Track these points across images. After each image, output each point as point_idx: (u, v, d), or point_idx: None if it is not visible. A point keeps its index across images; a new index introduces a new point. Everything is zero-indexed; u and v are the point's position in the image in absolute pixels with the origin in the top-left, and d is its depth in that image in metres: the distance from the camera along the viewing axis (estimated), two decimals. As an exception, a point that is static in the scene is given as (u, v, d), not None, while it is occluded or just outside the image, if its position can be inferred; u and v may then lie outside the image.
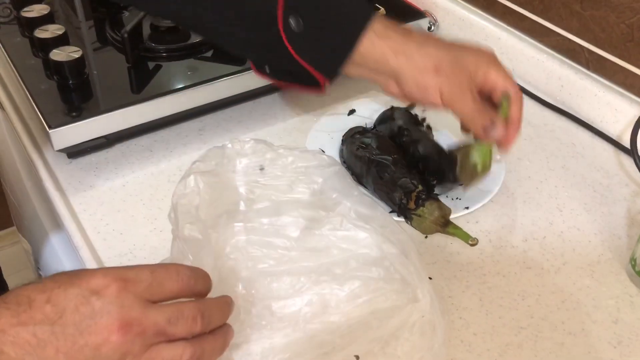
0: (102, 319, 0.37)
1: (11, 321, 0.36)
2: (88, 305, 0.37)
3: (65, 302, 0.37)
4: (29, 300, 0.37)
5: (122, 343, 0.37)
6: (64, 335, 0.37)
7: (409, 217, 0.60)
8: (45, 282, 0.38)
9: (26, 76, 0.73)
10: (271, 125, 0.77)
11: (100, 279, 0.38)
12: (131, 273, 0.39)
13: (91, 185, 0.67)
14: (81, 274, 0.39)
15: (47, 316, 0.37)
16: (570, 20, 0.79)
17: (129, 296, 0.38)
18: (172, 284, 0.40)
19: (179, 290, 0.41)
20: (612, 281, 0.59)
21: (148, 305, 0.39)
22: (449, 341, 0.53)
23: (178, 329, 0.39)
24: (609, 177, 0.71)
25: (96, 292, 0.37)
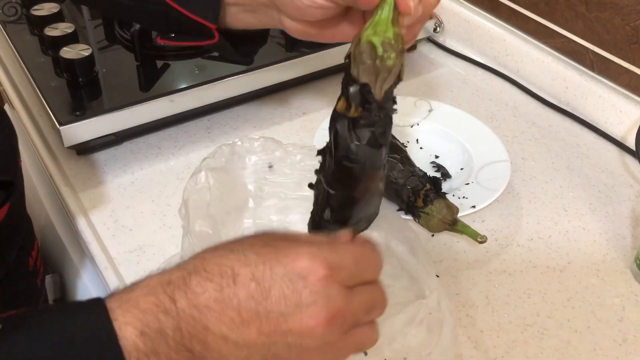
0: (308, 309, 0.36)
1: (215, 296, 0.35)
2: (295, 292, 0.36)
3: (271, 282, 0.36)
4: (233, 274, 0.36)
5: (325, 333, 0.37)
6: (268, 319, 0.36)
7: (416, 215, 0.61)
8: (247, 254, 0.37)
9: (36, 74, 0.74)
10: (278, 123, 0.77)
11: (307, 261, 0.36)
12: (336, 259, 0.37)
13: (100, 181, 0.68)
14: (286, 251, 0.37)
15: (252, 295, 0.36)
16: (575, 22, 0.80)
17: (335, 285, 0.37)
18: (370, 275, 0.40)
19: (374, 279, 0.40)
20: (617, 280, 0.60)
21: (349, 295, 0.38)
22: (455, 338, 0.54)
23: (371, 317, 0.40)
24: (613, 177, 0.72)
25: (303, 277, 0.36)
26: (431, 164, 0.71)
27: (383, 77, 0.40)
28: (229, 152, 0.58)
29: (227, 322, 0.36)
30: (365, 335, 0.40)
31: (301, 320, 0.36)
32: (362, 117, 0.41)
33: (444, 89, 0.85)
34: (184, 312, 0.35)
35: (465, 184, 0.66)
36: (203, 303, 0.35)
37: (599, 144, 0.77)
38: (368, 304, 0.39)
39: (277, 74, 0.78)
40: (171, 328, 0.35)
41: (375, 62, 0.39)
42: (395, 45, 0.39)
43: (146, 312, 0.35)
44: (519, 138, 0.77)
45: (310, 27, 0.50)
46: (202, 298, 0.35)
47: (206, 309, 0.35)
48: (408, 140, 0.73)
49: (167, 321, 0.35)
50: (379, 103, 0.41)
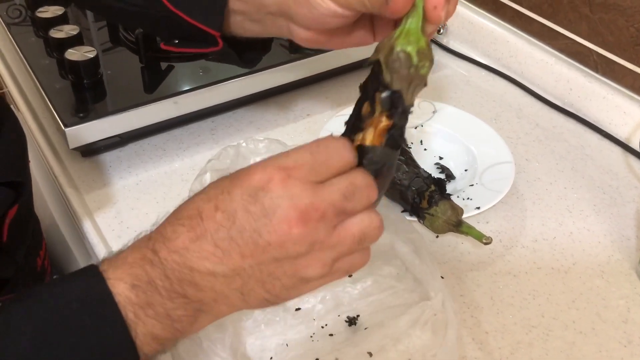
0: (275, 214, 0.35)
1: (189, 236, 0.36)
2: (257, 203, 0.35)
3: (233, 205, 0.36)
4: (199, 212, 0.36)
5: (306, 234, 0.35)
6: (243, 240, 0.35)
7: (421, 216, 0.61)
8: (208, 191, 0.37)
9: (41, 76, 0.74)
10: (282, 125, 0.77)
11: (260, 173, 0.36)
12: (290, 160, 0.36)
13: (105, 183, 0.68)
14: (240, 174, 0.37)
15: (220, 224, 0.36)
16: (579, 24, 0.80)
17: (296, 183, 0.35)
18: (335, 161, 0.37)
19: (343, 165, 0.37)
20: (622, 281, 0.60)
21: (318, 187, 0.36)
22: (460, 339, 0.54)
23: (356, 202, 0.37)
24: (617, 179, 0.72)
25: (261, 188, 0.35)
26: (435, 165, 0.71)
27: (415, 85, 0.41)
28: (233, 154, 0.58)
29: (209, 257, 0.36)
30: (362, 224, 0.37)
31: (274, 229, 0.35)
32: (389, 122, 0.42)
33: (447, 91, 0.85)
34: (166, 259, 0.36)
35: (470, 185, 0.66)
36: (180, 245, 0.36)
37: (603, 145, 0.77)
38: (346, 190, 0.36)
39: (281, 76, 0.78)
40: (159, 277, 0.36)
41: (410, 71, 0.40)
42: (428, 54, 0.41)
43: (134, 266, 0.36)
44: (523, 139, 0.77)
45: (320, 35, 0.49)
46: (179, 241, 0.36)
47: (184, 250, 0.36)
48: (412, 142, 0.73)
49: (154, 271, 0.36)
50: (406, 108, 0.42)
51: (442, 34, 0.93)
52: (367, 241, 0.38)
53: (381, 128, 0.41)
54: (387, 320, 0.54)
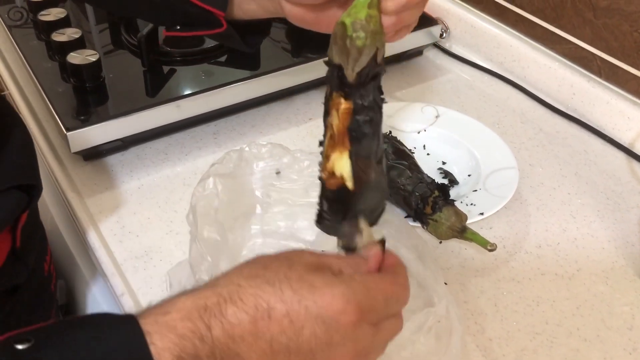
0: (337, 349, 0.38)
1: (249, 328, 0.37)
2: (327, 333, 0.37)
3: (304, 321, 0.37)
4: (269, 308, 0.37)
5: None
6: (297, 354, 0.37)
7: (425, 222, 0.61)
8: (284, 289, 0.38)
9: (43, 79, 0.74)
10: (284, 129, 0.77)
11: (340, 305, 0.38)
12: (368, 302, 0.39)
13: (107, 187, 0.68)
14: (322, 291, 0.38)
15: (284, 331, 0.37)
16: (582, 29, 0.80)
17: (364, 327, 0.38)
18: (397, 310, 0.42)
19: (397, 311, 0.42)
20: (627, 288, 0.59)
21: (375, 332, 0.40)
22: (464, 346, 0.54)
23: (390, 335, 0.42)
24: (621, 184, 0.71)
25: (336, 320, 0.37)
26: (438, 170, 0.71)
27: (354, 58, 0.40)
28: (236, 158, 0.58)
29: (258, 352, 0.37)
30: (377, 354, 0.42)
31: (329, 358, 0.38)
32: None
33: (450, 95, 0.84)
34: (219, 340, 0.36)
35: (473, 190, 0.66)
36: (238, 334, 0.36)
37: (607, 150, 0.76)
38: (389, 336, 0.41)
39: (283, 79, 0.78)
40: (206, 354, 0.36)
41: (346, 43, 0.40)
42: (365, 26, 0.40)
43: (183, 338, 0.36)
44: (526, 144, 0.76)
45: (307, 12, 0.51)
46: (237, 329, 0.36)
47: (240, 339, 0.36)
48: (415, 147, 0.73)
49: (203, 347, 0.36)
50: (352, 86, 0.41)
51: (445, 38, 0.92)
52: None
53: (342, 110, 0.41)
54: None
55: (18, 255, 0.52)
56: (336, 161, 0.43)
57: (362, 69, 0.40)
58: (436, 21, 0.89)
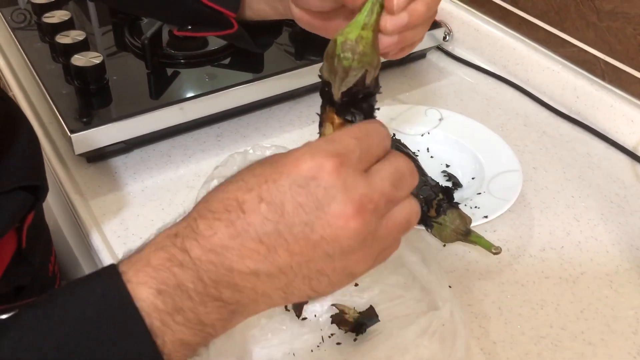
0: (330, 207, 0.32)
1: (229, 232, 0.32)
2: (309, 195, 0.32)
3: (280, 196, 0.32)
4: (239, 204, 0.32)
5: (361, 227, 0.33)
6: (293, 235, 0.32)
7: (429, 225, 0.60)
8: (246, 179, 0.33)
9: (47, 81, 0.74)
10: (288, 132, 0.77)
11: (309, 161, 0.32)
12: (337, 146, 0.33)
13: (110, 189, 0.68)
14: (284, 160, 0.33)
15: (266, 217, 0.32)
16: (586, 32, 0.80)
17: (349, 172, 0.33)
18: (380, 147, 0.35)
19: (384, 149, 0.36)
20: (631, 292, 0.59)
21: (368, 177, 0.34)
22: (468, 349, 0.53)
23: (403, 190, 0.35)
24: (625, 187, 0.71)
25: (312, 178, 0.32)
26: (442, 173, 0.70)
27: (341, 77, 0.40)
28: (240, 161, 0.58)
29: (252, 255, 0.32)
30: (406, 212, 0.36)
31: (328, 223, 0.32)
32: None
33: (453, 98, 0.84)
34: (200, 259, 0.32)
35: (477, 193, 0.66)
36: (218, 243, 0.32)
37: (611, 154, 0.76)
38: (393, 177, 0.35)
39: (286, 82, 0.78)
40: (190, 280, 0.32)
41: (334, 61, 0.39)
42: (354, 47, 0.39)
43: (159, 269, 0.32)
44: (530, 147, 0.76)
45: (315, 18, 0.50)
46: (216, 239, 0.32)
47: (223, 248, 0.32)
48: (419, 149, 0.73)
49: (184, 274, 0.32)
50: (338, 104, 0.40)
51: (448, 41, 0.92)
52: (409, 228, 0.36)
53: (335, 125, 0.41)
54: (394, 330, 0.54)
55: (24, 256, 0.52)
56: None
57: (348, 89, 0.40)
58: (439, 24, 0.89)
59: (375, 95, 0.42)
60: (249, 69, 0.77)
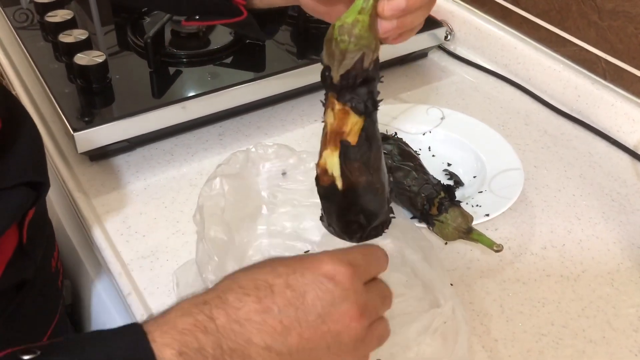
0: (342, 306, 0.38)
1: (255, 307, 0.36)
2: (327, 292, 0.37)
3: (304, 287, 0.37)
4: (269, 285, 0.37)
5: (358, 329, 0.38)
6: (307, 322, 0.37)
7: (431, 223, 0.61)
8: (276, 268, 0.38)
9: (50, 80, 0.74)
10: (290, 130, 0.77)
11: (330, 265, 0.38)
12: (352, 258, 0.39)
13: (113, 187, 0.68)
14: (310, 260, 0.39)
15: (289, 301, 0.37)
16: (587, 31, 0.80)
17: (358, 282, 0.39)
18: (377, 268, 0.42)
19: (379, 272, 0.42)
20: (632, 290, 0.59)
21: (367, 289, 0.40)
22: (470, 347, 0.54)
23: (385, 307, 0.42)
24: (626, 186, 0.71)
25: (332, 278, 0.38)
26: (444, 172, 0.71)
27: (338, 60, 0.41)
28: (243, 159, 0.58)
29: (270, 332, 0.36)
30: (381, 328, 0.42)
31: (337, 319, 0.37)
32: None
33: (455, 97, 0.85)
34: (225, 328, 0.36)
35: (479, 192, 0.66)
36: (243, 316, 0.36)
37: (612, 152, 0.76)
38: (381, 296, 0.41)
39: (288, 81, 0.78)
40: (211, 346, 0.35)
41: (332, 45, 0.41)
42: (350, 29, 0.40)
43: (184, 333, 0.35)
44: (531, 146, 0.76)
45: (319, 4, 0.52)
46: (243, 312, 0.36)
47: (247, 321, 0.36)
48: (420, 148, 0.73)
49: (207, 339, 0.35)
50: (338, 87, 0.41)
51: (449, 40, 0.93)
52: (382, 341, 0.42)
53: (336, 111, 0.42)
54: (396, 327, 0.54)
55: (25, 251, 0.52)
56: (327, 158, 0.44)
57: (347, 72, 0.41)
58: (441, 23, 0.89)
59: (375, 82, 0.43)
60: (251, 68, 0.78)
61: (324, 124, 0.45)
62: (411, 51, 0.88)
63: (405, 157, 0.65)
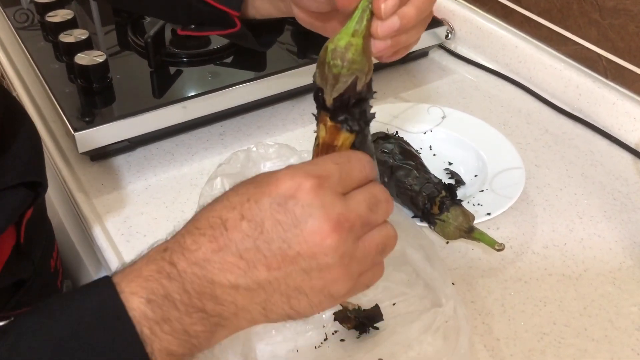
0: (307, 224, 0.34)
1: (211, 247, 0.34)
2: (287, 213, 0.34)
3: (261, 214, 0.34)
4: (222, 221, 0.35)
5: (337, 244, 0.34)
6: (271, 251, 0.34)
7: (432, 222, 0.61)
8: (230, 198, 0.36)
9: (50, 80, 0.74)
10: (291, 130, 0.77)
11: (289, 181, 0.35)
12: (317, 168, 0.36)
13: (114, 187, 0.68)
14: (264, 181, 0.36)
15: (246, 234, 0.34)
16: (588, 29, 0.80)
17: (326, 192, 0.35)
18: (358, 173, 0.37)
19: (365, 178, 0.38)
20: (634, 288, 0.59)
21: (346, 198, 0.36)
22: (472, 346, 0.54)
23: (379, 214, 0.37)
24: (627, 185, 0.71)
25: (291, 197, 0.34)
26: (445, 171, 0.71)
27: (331, 84, 0.40)
28: (244, 158, 0.58)
29: (231, 269, 0.34)
30: (382, 235, 0.37)
31: (305, 239, 0.34)
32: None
33: (456, 96, 0.85)
34: (186, 272, 0.35)
35: (480, 191, 0.66)
36: (201, 257, 0.35)
37: (613, 151, 0.76)
38: (370, 202, 0.37)
39: (289, 80, 0.78)
40: (177, 291, 0.34)
41: (324, 69, 0.40)
42: (343, 54, 0.40)
43: (149, 280, 0.34)
44: (532, 145, 0.76)
45: (313, 18, 0.51)
46: (200, 253, 0.35)
47: (206, 262, 0.34)
48: (421, 147, 0.73)
49: (171, 285, 0.34)
50: (331, 110, 0.41)
51: (450, 39, 0.92)
52: (386, 252, 0.38)
53: (328, 127, 0.42)
54: (398, 326, 0.54)
55: (23, 251, 0.52)
56: None
57: (339, 95, 0.40)
58: (442, 22, 0.89)
59: (368, 101, 0.42)
60: (252, 68, 0.77)
61: (316, 134, 0.44)
62: (412, 50, 0.87)
63: (407, 156, 0.65)
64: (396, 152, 0.65)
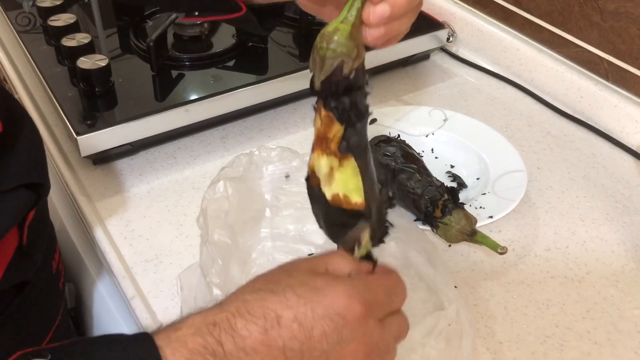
0: (348, 346, 0.38)
1: (261, 338, 0.37)
2: (335, 330, 0.38)
3: (313, 322, 0.38)
4: (276, 316, 0.38)
5: None
6: (311, 357, 0.38)
7: (434, 225, 0.61)
8: (288, 296, 0.38)
9: (52, 84, 0.74)
10: (293, 133, 0.77)
11: (344, 301, 0.38)
12: (370, 295, 0.40)
13: (116, 191, 0.68)
14: (325, 291, 0.39)
15: (295, 335, 0.37)
16: (589, 32, 0.80)
17: (371, 322, 0.39)
18: (398, 305, 0.43)
19: (400, 306, 0.43)
20: (637, 291, 0.59)
21: (382, 327, 0.40)
22: (475, 349, 0.53)
23: (398, 343, 0.43)
24: (630, 187, 0.71)
25: (343, 317, 0.38)
26: (447, 174, 0.71)
27: (319, 67, 0.41)
28: (246, 162, 0.58)
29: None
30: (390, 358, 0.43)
31: (341, 357, 0.38)
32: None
33: (457, 99, 0.85)
34: (232, 354, 0.36)
35: (482, 194, 0.66)
36: (250, 346, 0.37)
37: (615, 153, 0.76)
38: (397, 333, 0.42)
39: (291, 84, 0.78)
40: None
41: (314, 53, 0.42)
42: (329, 38, 0.41)
43: (194, 353, 0.36)
44: (534, 148, 0.76)
45: (312, 2, 0.53)
46: (249, 341, 0.37)
47: (253, 351, 0.37)
48: (423, 150, 0.73)
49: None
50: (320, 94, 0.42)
51: (451, 42, 0.93)
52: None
53: (322, 116, 0.42)
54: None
55: (25, 252, 0.52)
56: (315, 160, 0.44)
57: (327, 78, 0.41)
58: (443, 25, 0.89)
59: (361, 91, 0.43)
60: (254, 71, 0.78)
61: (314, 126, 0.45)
62: (413, 53, 0.88)
63: (408, 159, 0.65)
64: (398, 155, 0.65)
